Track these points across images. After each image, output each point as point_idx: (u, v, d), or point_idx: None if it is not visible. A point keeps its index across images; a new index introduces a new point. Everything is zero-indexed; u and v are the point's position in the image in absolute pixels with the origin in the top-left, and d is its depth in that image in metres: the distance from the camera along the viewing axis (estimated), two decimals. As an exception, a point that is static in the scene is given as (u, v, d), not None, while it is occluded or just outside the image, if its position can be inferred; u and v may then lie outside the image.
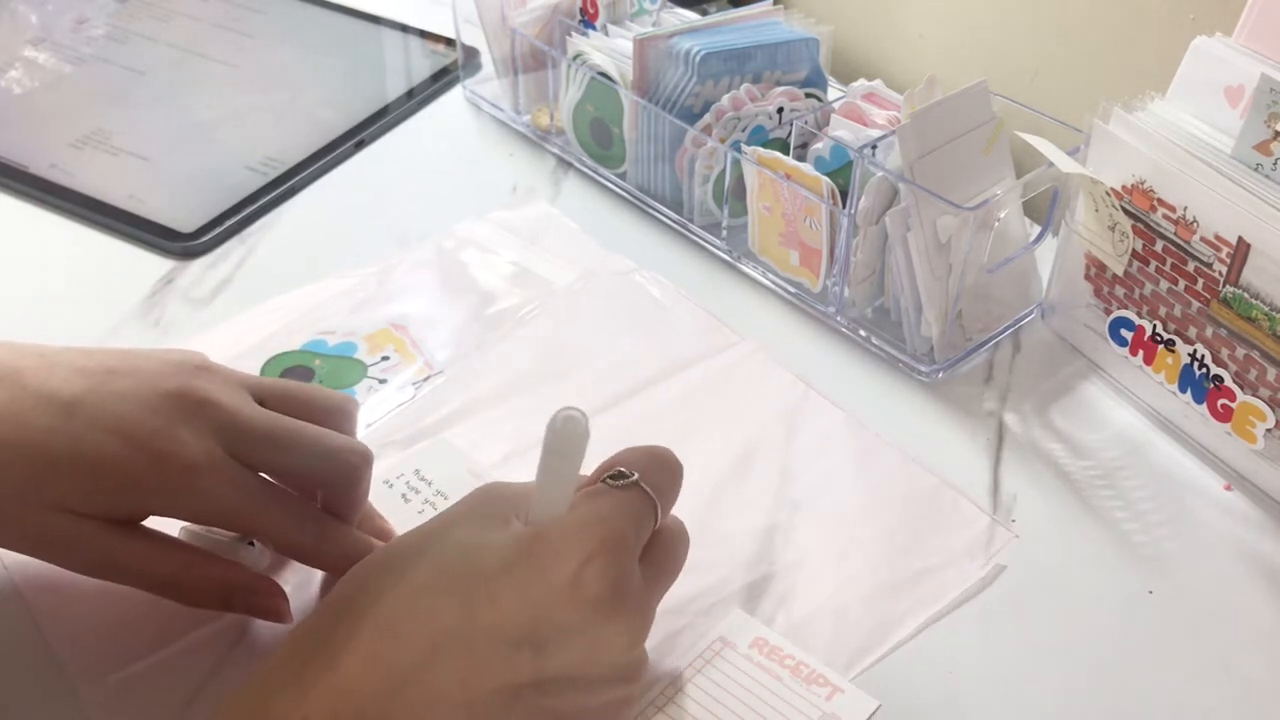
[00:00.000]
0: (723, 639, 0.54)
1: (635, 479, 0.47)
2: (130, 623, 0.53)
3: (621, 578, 0.45)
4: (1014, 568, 0.58)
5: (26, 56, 0.90)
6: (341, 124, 0.84)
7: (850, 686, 0.52)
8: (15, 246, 0.75)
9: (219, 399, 0.49)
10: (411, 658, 0.42)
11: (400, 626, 0.43)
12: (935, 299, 0.65)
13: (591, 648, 0.44)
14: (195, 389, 0.49)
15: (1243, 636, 0.55)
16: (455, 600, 0.43)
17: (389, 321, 0.69)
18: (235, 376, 0.52)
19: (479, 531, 0.45)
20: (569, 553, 0.44)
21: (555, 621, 0.43)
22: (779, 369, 0.68)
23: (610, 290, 0.72)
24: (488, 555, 0.44)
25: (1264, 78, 0.55)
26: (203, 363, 0.51)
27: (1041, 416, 0.65)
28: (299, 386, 0.54)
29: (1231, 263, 0.57)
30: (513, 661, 0.43)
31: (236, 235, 0.76)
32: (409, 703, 0.41)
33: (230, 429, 0.49)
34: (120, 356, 0.50)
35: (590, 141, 0.80)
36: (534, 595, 0.43)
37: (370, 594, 0.44)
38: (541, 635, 0.43)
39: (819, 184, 0.67)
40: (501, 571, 0.44)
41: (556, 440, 0.45)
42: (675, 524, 0.50)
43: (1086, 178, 0.62)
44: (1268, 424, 0.59)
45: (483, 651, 0.42)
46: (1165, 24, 0.69)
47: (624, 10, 0.80)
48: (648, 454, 0.49)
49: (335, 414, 0.54)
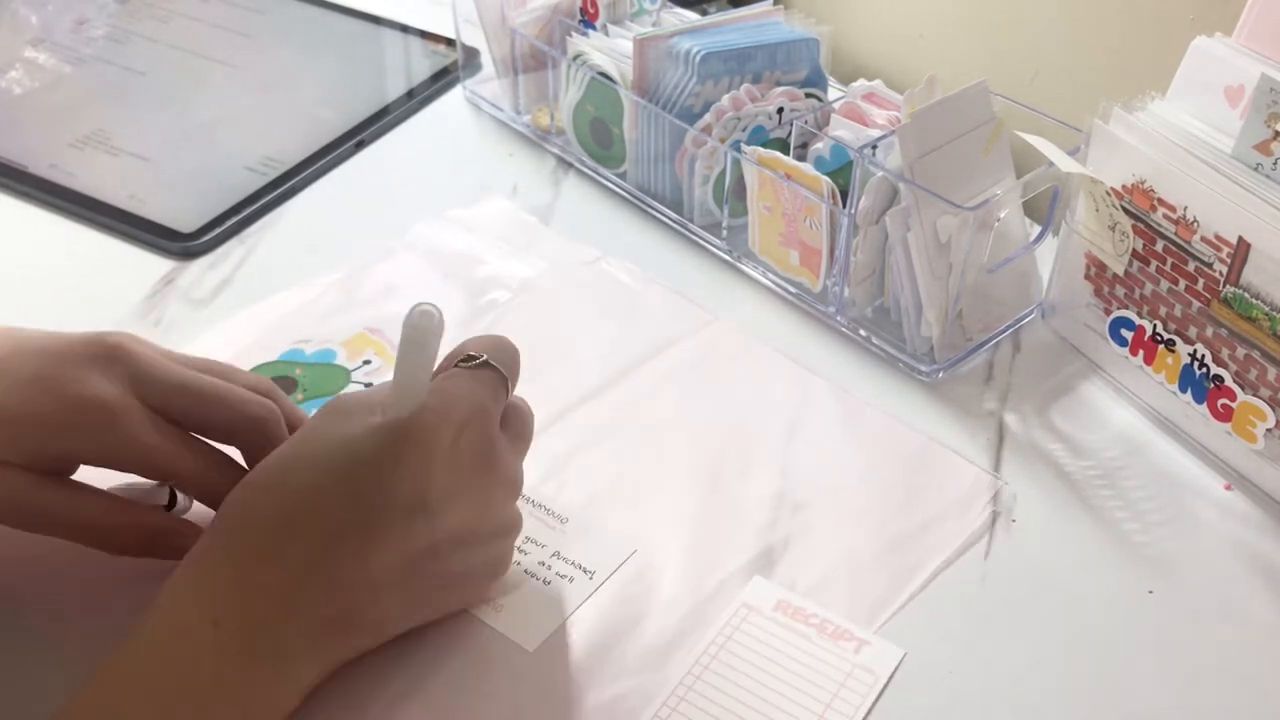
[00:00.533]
0: (746, 605, 0.55)
1: (485, 359, 0.52)
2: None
3: (491, 442, 0.50)
4: (1014, 568, 0.58)
5: (26, 57, 0.90)
6: (341, 124, 0.84)
7: (875, 638, 0.54)
8: (15, 247, 0.75)
9: (134, 349, 0.52)
10: (312, 551, 0.46)
11: (297, 525, 0.46)
12: (935, 299, 0.65)
13: (477, 505, 0.50)
14: (111, 340, 0.52)
15: (1243, 636, 0.55)
16: (344, 489, 0.47)
17: (364, 326, 0.69)
18: (155, 346, 0.54)
19: (345, 430, 0.48)
20: (442, 426, 0.48)
21: (441, 486, 0.48)
22: (757, 343, 0.69)
23: (579, 279, 0.73)
24: (364, 445, 0.48)
25: (1264, 78, 0.55)
26: (125, 333, 0.53)
27: (1041, 416, 0.65)
28: (218, 363, 0.56)
29: (1232, 262, 0.57)
30: (408, 532, 0.47)
31: (236, 235, 0.76)
32: (312, 590, 0.46)
33: (143, 377, 0.52)
34: (51, 331, 0.53)
35: (590, 141, 0.80)
36: (417, 469, 0.48)
37: (262, 503, 0.47)
38: (431, 502, 0.48)
39: (819, 184, 0.67)
40: (382, 454, 0.47)
41: (414, 332, 0.48)
42: (520, 400, 0.54)
43: (1087, 177, 0.62)
44: (1268, 424, 0.59)
45: (379, 530, 0.47)
46: (1165, 24, 0.69)
47: (624, 10, 0.80)
48: (490, 340, 0.53)
49: (253, 386, 0.55)
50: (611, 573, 0.57)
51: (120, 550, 0.53)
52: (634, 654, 0.53)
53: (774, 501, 0.60)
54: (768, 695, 0.52)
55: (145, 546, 0.53)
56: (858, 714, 0.51)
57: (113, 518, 0.52)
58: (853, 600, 0.56)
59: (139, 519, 0.53)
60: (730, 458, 0.62)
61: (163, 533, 0.53)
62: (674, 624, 0.55)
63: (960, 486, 0.61)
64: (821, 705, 0.52)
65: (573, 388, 0.66)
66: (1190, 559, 0.58)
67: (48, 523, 0.52)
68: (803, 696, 0.52)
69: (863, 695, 0.52)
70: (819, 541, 0.58)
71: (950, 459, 0.63)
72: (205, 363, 0.55)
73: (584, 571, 0.56)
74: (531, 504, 0.59)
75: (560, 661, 0.53)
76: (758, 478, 0.61)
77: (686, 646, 0.54)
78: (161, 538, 0.53)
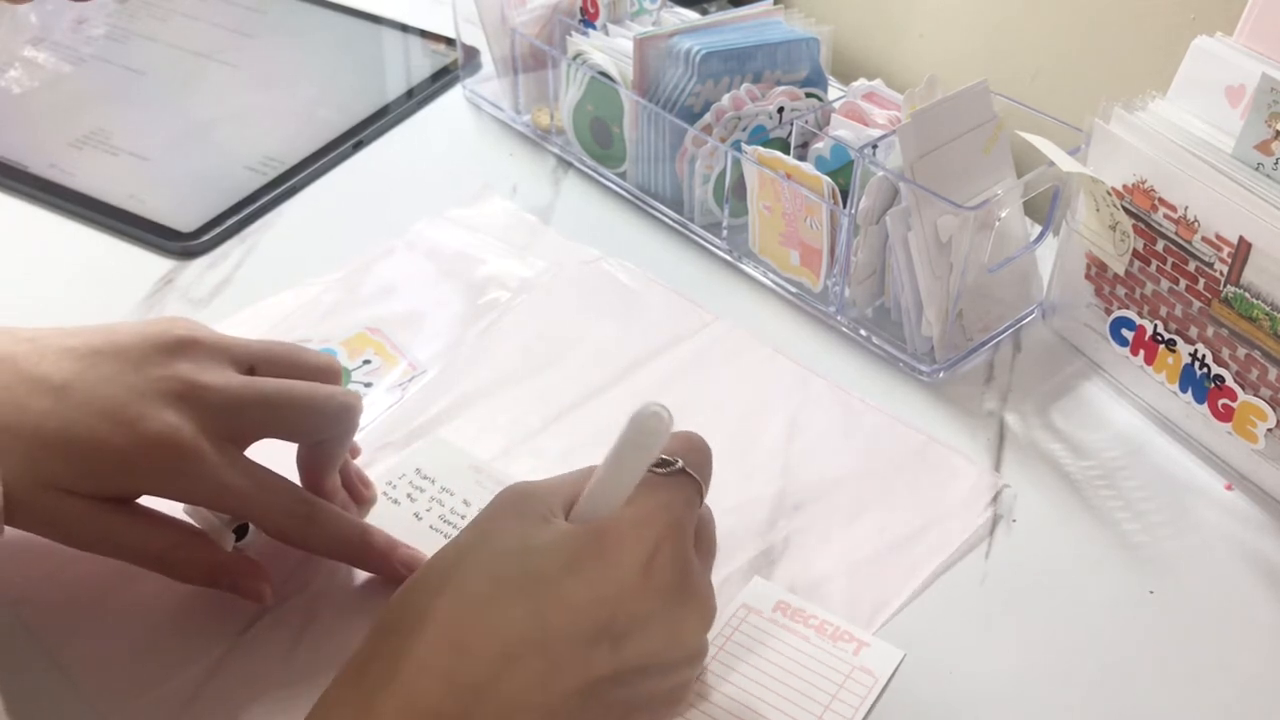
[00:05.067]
0: (746, 606, 0.55)
1: (681, 465, 0.47)
2: (142, 649, 0.53)
3: (687, 563, 0.45)
4: (1014, 568, 0.58)
5: (26, 56, 0.90)
6: (341, 124, 0.84)
7: (875, 639, 0.54)
8: (15, 246, 0.75)
9: (204, 380, 0.51)
10: (484, 670, 0.41)
11: (468, 641, 0.42)
12: (936, 299, 0.65)
13: (670, 634, 0.45)
14: (180, 374, 0.50)
15: (1243, 636, 0.55)
16: (522, 606, 0.42)
17: (363, 326, 0.69)
18: (219, 347, 0.53)
19: (524, 532, 0.44)
20: (637, 544, 0.44)
21: (631, 613, 0.43)
22: (757, 344, 0.69)
23: (580, 279, 0.73)
24: (546, 555, 0.43)
25: (1264, 77, 0.55)
26: (186, 334, 0.52)
27: (1042, 416, 0.65)
28: (284, 347, 0.55)
29: (1232, 262, 0.57)
30: (590, 659, 0.42)
31: (236, 235, 0.76)
32: (485, 716, 0.41)
33: (220, 407, 0.50)
34: (104, 335, 0.51)
35: (590, 141, 0.80)
36: (606, 590, 0.43)
37: (428, 610, 0.43)
38: (618, 628, 0.43)
39: (819, 184, 0.67)
40: (566, 570, 0.43)
41: (639, 435, 0.44)
42: (707, 510, 0.50)
43: (1087, 177, 0.62)
44: (1269, 424, 0.59)
45: (559, 653, 0.42)
46: (1165, 24, 0.69)
47: (624, 10, 0.80)
48: (685, 439, 0.49)
49: (323, 372, 0.55)
50: None
51: (183, 579, 0.53)
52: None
53: (773, 502, 0.60)
54: (767, 696, 0.52)
55: (209, 579, 0.52)
56: (857, 715, 0.51)
57: (179, 552, 0.52)
58: (852, 601, 0.56)
59: (205, 557, 0.52)
60: (729, 458, 0.62)
61: (226, 573, 0.52)
62: None
63: (961, 486, 0.61)
64: (821, 706, 0.52)
65: (573, 387, 0.66)
66: (1190, 559, 0.58)
67: (113, 549, 0.52)
68: (802, 697, 0.52)
69: (862, 696, 0.52)
70: (818, 542, 0.58)
71: (951, 459, 0.63)
72: (276, 349, 0.54)
73: None
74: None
75: None
76: (757, 478, 0.61)
77: None
78: (224, 574, 0.52)
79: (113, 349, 0.51)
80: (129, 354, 0.51)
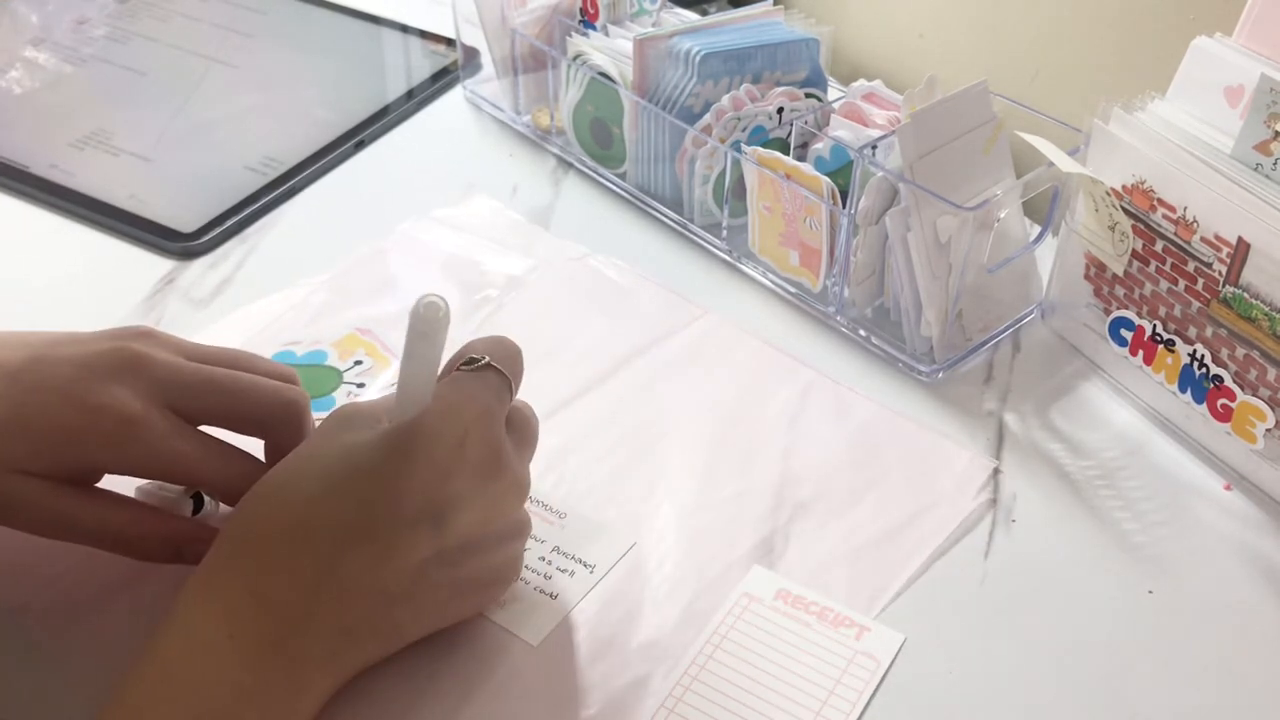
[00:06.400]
0: (747, 594, 0.56)
1: (487, 361, 0.51)
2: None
3: (497, 445, 0.50)
4: (1014, 568, 0.58)
5: (26, 56, 0.90)
6: (341, 124, 0.84)
7: (876, 624, 0.55)
8: (15, 247, 0.75)
9: (154, 355, 0.52)
10: (321, 561, 0.46)
11: (306, 537, 0.46)
12: (935, 299, 0.65)
13: (486, 510, 0.49)
14: (130, 348, 0.52)
15: (1242, 636, 0.55)
16: (350, 499, 0.47)
17: (353, 327, 0.69)
18: (173, 341, 0.54)
19: (351, 437, 0.49)
20: (447, 430, 0.48)
21: (447, 494, 0.48)
22: (747, 337, 0.69)
23: (568, 276, 0.73)
24: (369, 453, 0.48)
25: (1264, 78, 0.55)
26: (144, 330, 0.54)
27: (1041, 416, 0.65)
28: (240, 351, 0.56)
29: (1231, 263, 0.57)
30: (416, 540, 0.47)
31: (237, 235, 0.76)
32: (325, 601, 0.46)
33: (167, 382, 0.52)
34: (66, 334, 0.53)
35: (590, 141, 0.80)
36: (423, 475, 0.47)
37: (269, 515, 0.47)
38: (437, 509, 0.47)
39: (819, 184, 0.67)
40: (385, 462, 0.47)
41: (421, 324, 0.47)
42: (522, 403, 0.54)
43: (1086, 178, 0.62)
44: (1268, 424, 0.59)
45: (386, 538, 0.47)
46: (1165, 24, 0.69)
47: (624, 10, 0.80)
48: (492, 341, 0.53)
49: (277, 375, 0.55)
50: (612, 566, 0.57)
51: (145, 557, 0.53)
52: (637, 646, 0.54)
53: (771, 491, 0.61)
54: (771, 683, 0.52)
55: (171, 554, 0.53)
56: (861, 699, 0.52)
57: (138, 527, 0.52)
58: (852, 587, 0.56)
59: (165, 528, 0.53)
60: (726, 448, 0.63)
61: (188, 540, 0.53)
62: (675, 616, 0.55)
63: (955, 470, 0.62)
64: (825, 691, 0.52)
65: (568, 383, 0.66)
66: (1190, 559, 0.59)
67: (72, 531, 0.52)
68: (806, 683, 0.52)
69: (865, 680, 0.52)
70: (817, 529, 0.59)
71: (943, 444, 0.63)
72: (229, 354, 0.55)
73: (584, 566, 0.57)
74: (530, 500, 0.59)
75: (565, 655, 0.53)
76: (754, 467, 0.62)
77: (689, 637, 0.54)
78: (187, 546, 0.53)
79: (70, 339, 0.52)
80: (83, 341, 0.52)
